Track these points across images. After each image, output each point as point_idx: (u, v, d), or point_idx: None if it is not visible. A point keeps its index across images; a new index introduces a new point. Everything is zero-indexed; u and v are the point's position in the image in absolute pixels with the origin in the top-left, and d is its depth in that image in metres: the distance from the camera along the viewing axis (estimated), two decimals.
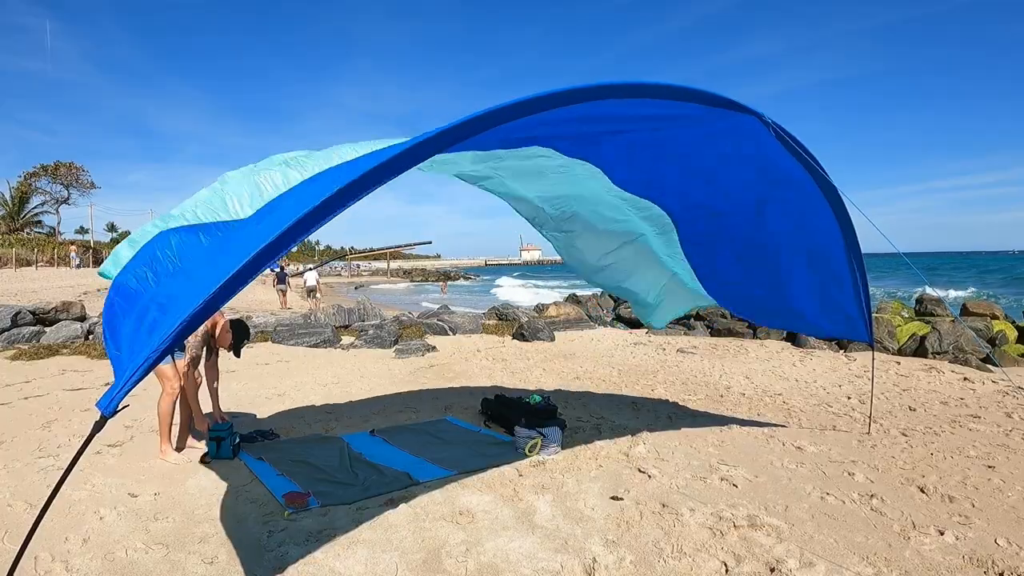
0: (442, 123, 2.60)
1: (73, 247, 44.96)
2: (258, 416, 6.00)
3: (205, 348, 4.86)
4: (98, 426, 2.07)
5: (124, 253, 3.31)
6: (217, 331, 4.82)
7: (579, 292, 22.08)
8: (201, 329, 4.53)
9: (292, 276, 24.36)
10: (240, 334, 4.95)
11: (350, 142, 3.38)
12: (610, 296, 17.76)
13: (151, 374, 2.37)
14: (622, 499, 3.85)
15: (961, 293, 30.16)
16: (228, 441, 4.60)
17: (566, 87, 2.93)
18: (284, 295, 20.18)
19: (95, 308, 13.69)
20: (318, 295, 19.14)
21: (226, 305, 2.72)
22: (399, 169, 2.56)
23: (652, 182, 4.69)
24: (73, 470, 2.12)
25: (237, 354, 5.04)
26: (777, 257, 5.07)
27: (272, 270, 20.61)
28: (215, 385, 5.15)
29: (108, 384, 4.99)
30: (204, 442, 4.76)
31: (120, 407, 2.04)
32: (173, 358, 4.50)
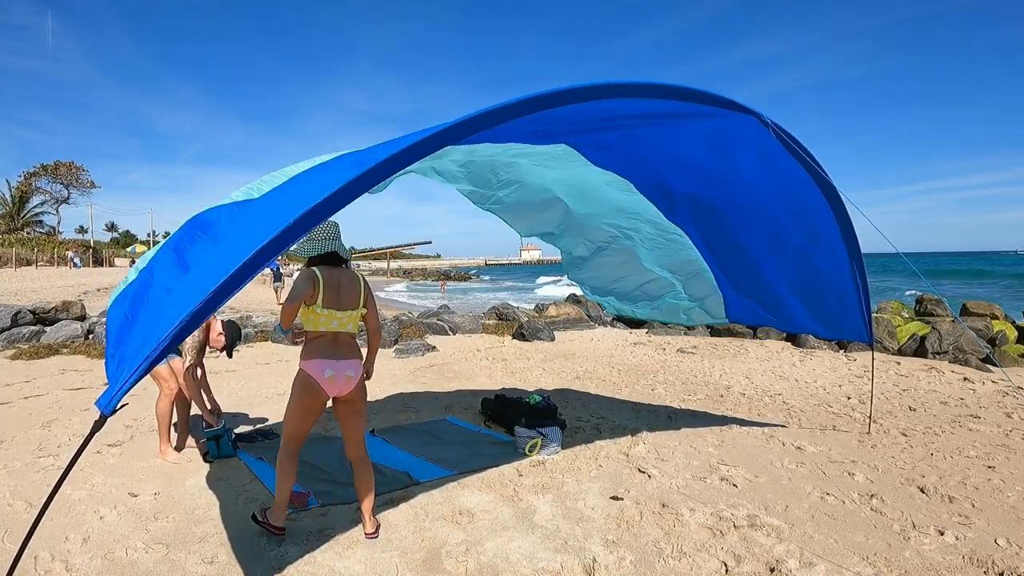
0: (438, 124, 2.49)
1: (72, 248, 44.94)
2: (258, 416, 6.00)
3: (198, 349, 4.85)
4: (97, 425, 2.06)
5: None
6: (211, 332, 4.82)
7: (579, 292, 22.02)
8: (197, 330, 4.54)
9: (286, 275, 24.70)
10: (233, 335, 4.96)
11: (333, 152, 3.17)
12: None
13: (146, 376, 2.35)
14: (622, 499, 3.85)
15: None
16: (226, 438, 4.61)
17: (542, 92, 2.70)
18: (279, 293, 20.37)
19: (95, 308, 13.69)
20: None
21: (225, 305, 2.69)
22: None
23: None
24: (73, 470, 2.12)
25: (230, 355, 5.05)
26: (776, 258, 5.06)
27: (270, 268, 20.83)
28: (205, 385, 5.13)
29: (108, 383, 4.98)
30: (204, 442, 4.75)
31: (119, 406, 2.04)
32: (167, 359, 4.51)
